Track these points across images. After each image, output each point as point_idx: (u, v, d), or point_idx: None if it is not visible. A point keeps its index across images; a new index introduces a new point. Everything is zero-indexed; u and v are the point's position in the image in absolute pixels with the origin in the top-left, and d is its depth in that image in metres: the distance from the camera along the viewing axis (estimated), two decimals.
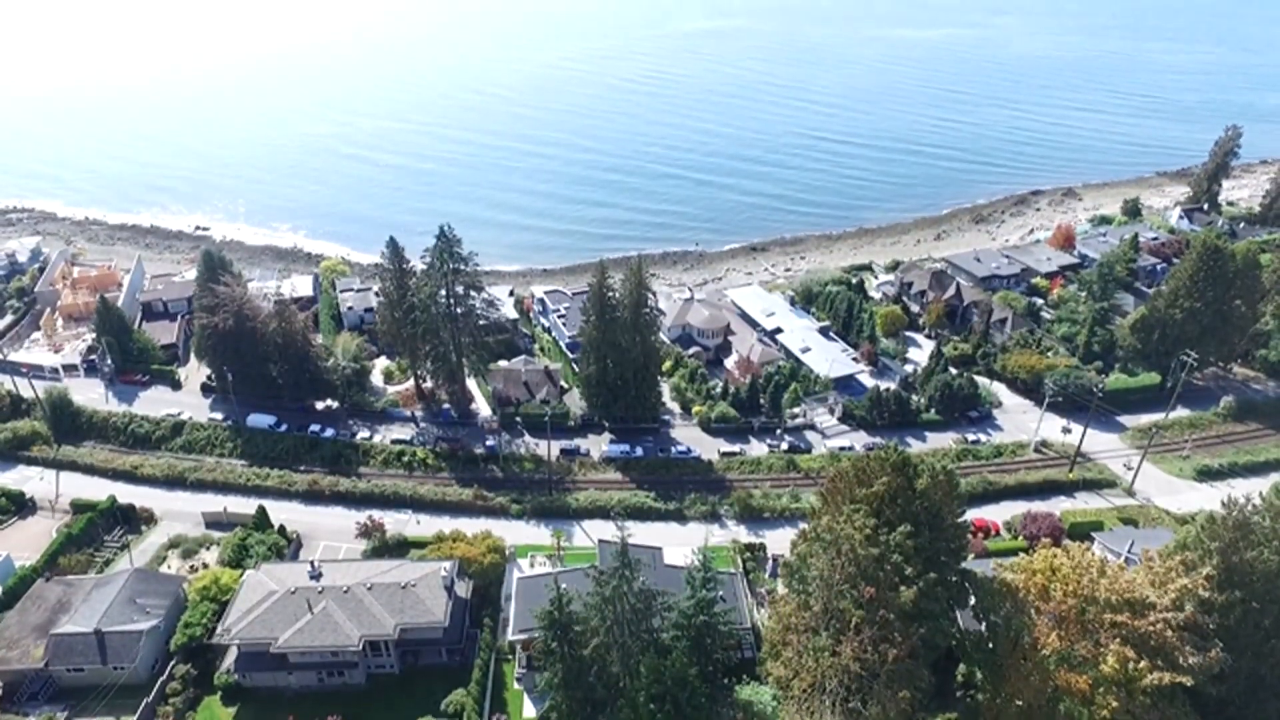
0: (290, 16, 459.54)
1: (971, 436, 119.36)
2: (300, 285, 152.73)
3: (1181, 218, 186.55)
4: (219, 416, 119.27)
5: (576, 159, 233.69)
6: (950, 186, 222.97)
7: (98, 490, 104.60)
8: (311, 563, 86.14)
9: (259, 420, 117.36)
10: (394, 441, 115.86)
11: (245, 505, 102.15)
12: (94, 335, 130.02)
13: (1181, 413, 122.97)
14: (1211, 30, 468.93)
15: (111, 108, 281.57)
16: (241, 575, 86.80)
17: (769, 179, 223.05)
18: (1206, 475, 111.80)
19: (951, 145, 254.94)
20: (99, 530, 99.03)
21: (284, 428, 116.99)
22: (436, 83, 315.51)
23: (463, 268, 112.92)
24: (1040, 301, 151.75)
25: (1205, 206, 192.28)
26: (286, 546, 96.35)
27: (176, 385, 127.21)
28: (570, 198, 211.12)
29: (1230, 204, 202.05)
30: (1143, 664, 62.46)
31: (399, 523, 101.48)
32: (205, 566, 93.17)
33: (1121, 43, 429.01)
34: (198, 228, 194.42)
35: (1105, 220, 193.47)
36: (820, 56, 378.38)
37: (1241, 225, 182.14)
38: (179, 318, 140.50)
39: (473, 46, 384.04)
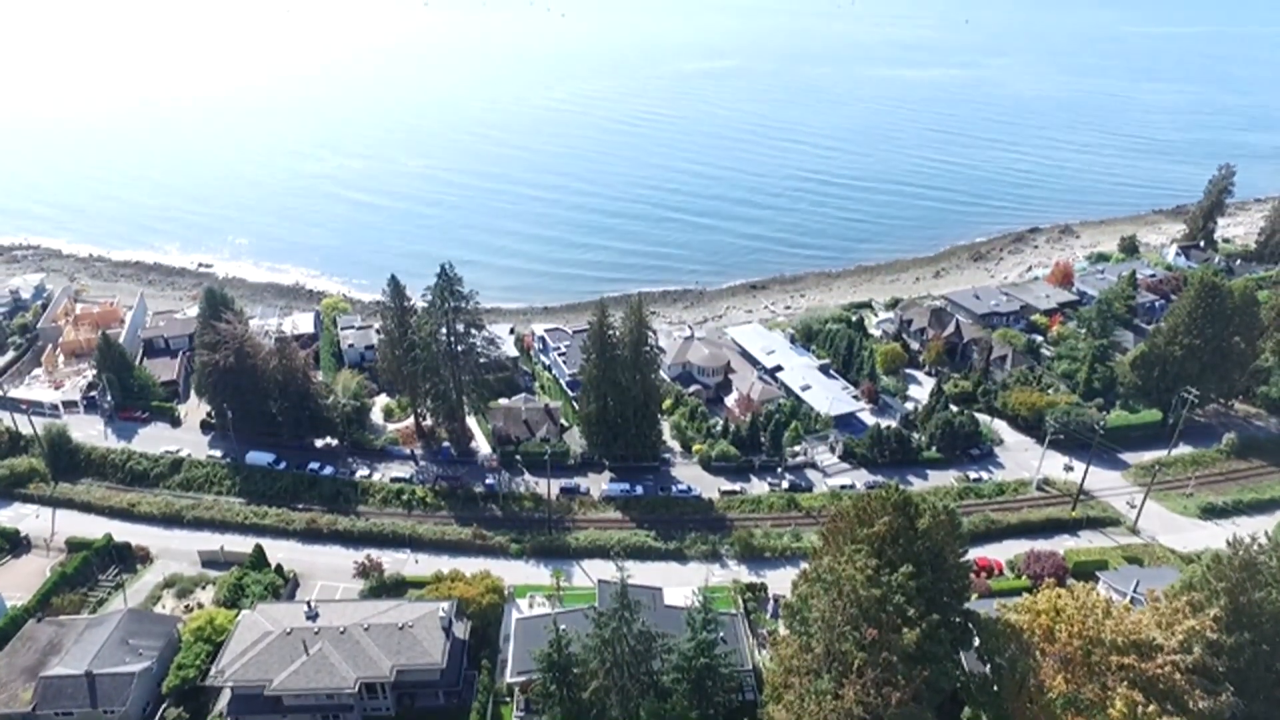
0: (295, 61, 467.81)
1: (973, 474, 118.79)
2: (302, 322, 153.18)
3: (1178, 255, 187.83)
4: (218, 454, 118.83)
5: (577, 202, 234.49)
6: (948, 224, 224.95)
7: (94, 528, 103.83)
8: (308, 603, 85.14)
9: (258, 458, 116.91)
10: (393, 480, 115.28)
11: (242, 544, 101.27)
12: (95, 372, 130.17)
13: (1184, 450, 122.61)
14: (1200, 72, 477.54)
15: (115, 147, 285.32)
16: (237, 615, 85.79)
17: (766, 222, 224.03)
18: (1211, 513, 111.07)
19: (949, 184, 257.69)
20: (93, 569, 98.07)
21: (283, 465, 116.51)
22: (437, 125, 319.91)
23: (463, 305, 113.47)
24: (1040, 339, 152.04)
25: (1202, 244, 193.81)
26: (283, 586, 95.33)
27: (176, 422, 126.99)
28: (571, 237, 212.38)
29: (1226, 241, 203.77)
30: (1151, 708, 61.38)
31: (397, 562, 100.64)
32: (200, 606, 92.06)
33: (1113, 83, 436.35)
34: (200, 265, 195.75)
35: (1103, 257, 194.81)
36: (817, 98, 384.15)
37: (1238, 262, 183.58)
38: (180, 354, 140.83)
39: (472, 88, 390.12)
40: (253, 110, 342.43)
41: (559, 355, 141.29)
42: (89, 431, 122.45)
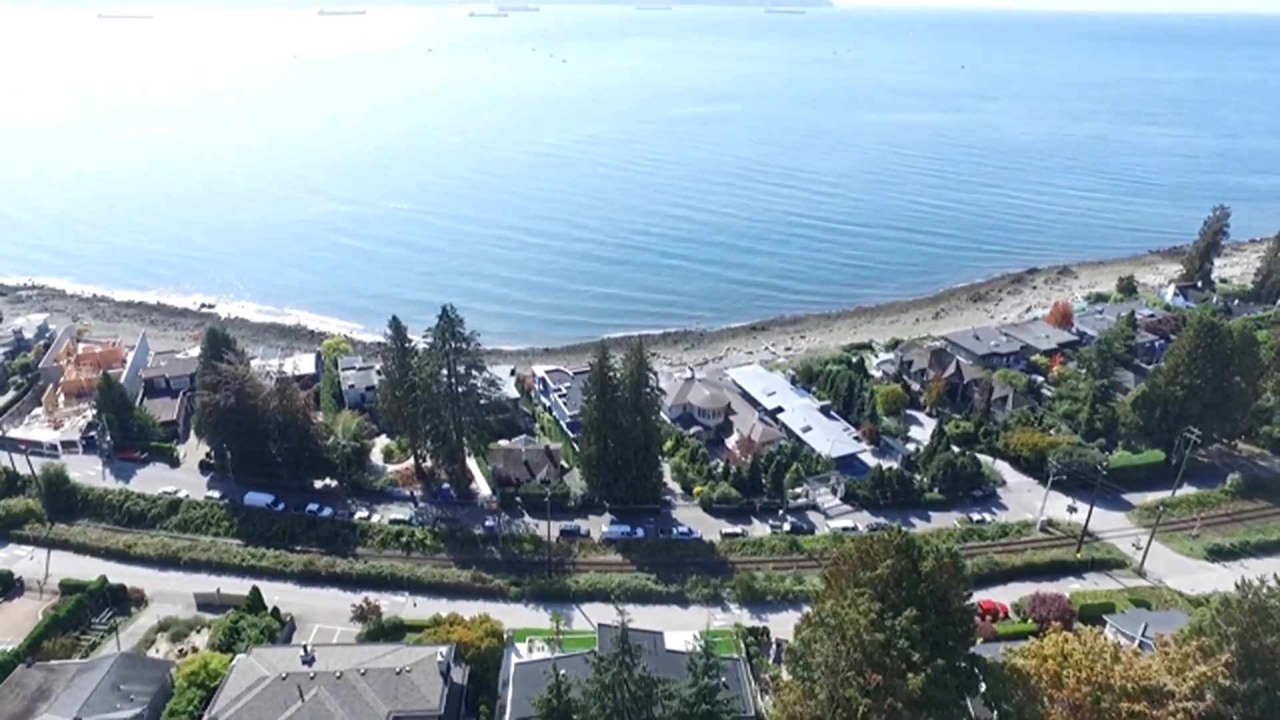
0: (298, 107, 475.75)
1: (976, 516, 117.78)
2: (303, 363, 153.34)
3: (1176, 295, 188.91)
4: (216, 495, 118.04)
5: (578, 248, 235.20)
6: (947, 266, 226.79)
7: (89, 570, 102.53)
8: (304, 647, 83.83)
9: (256, 499, 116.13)
10: (392, 521, 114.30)
11: (239, 586, 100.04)
12: (95, 411, 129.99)
13: (1188, 490, 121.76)
14: (1191, 116, 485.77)
15: (119, 189, 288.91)
16: (232, 660, 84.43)
17: (767, 264, 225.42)
18: (1218, 555, 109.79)
19: (947, 226, 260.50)
20: (87, 612, 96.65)
21: (281, 506, 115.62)
22: (437, 171, 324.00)
23: (464, 347, 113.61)
24: (1040, 379, 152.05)
25: (1199, 284, 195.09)
26: (280, 629, 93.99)
27: (175, 462, 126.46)
28: (571, 279, 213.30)
29: (1223, 281, 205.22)
30: None
31: (395, 605, 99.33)
32: (195, 650, 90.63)
33: (1107, 127, 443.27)
34: (203, 305, 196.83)
35: (1101, 298, 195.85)
36: (816, 142, 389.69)
37: (1235, 302, 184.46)
38: (181, 394, 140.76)
39: (474, 134, 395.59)
40: (258, 155, 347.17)
41: (559, 397, 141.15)
42: (87, 472, 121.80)
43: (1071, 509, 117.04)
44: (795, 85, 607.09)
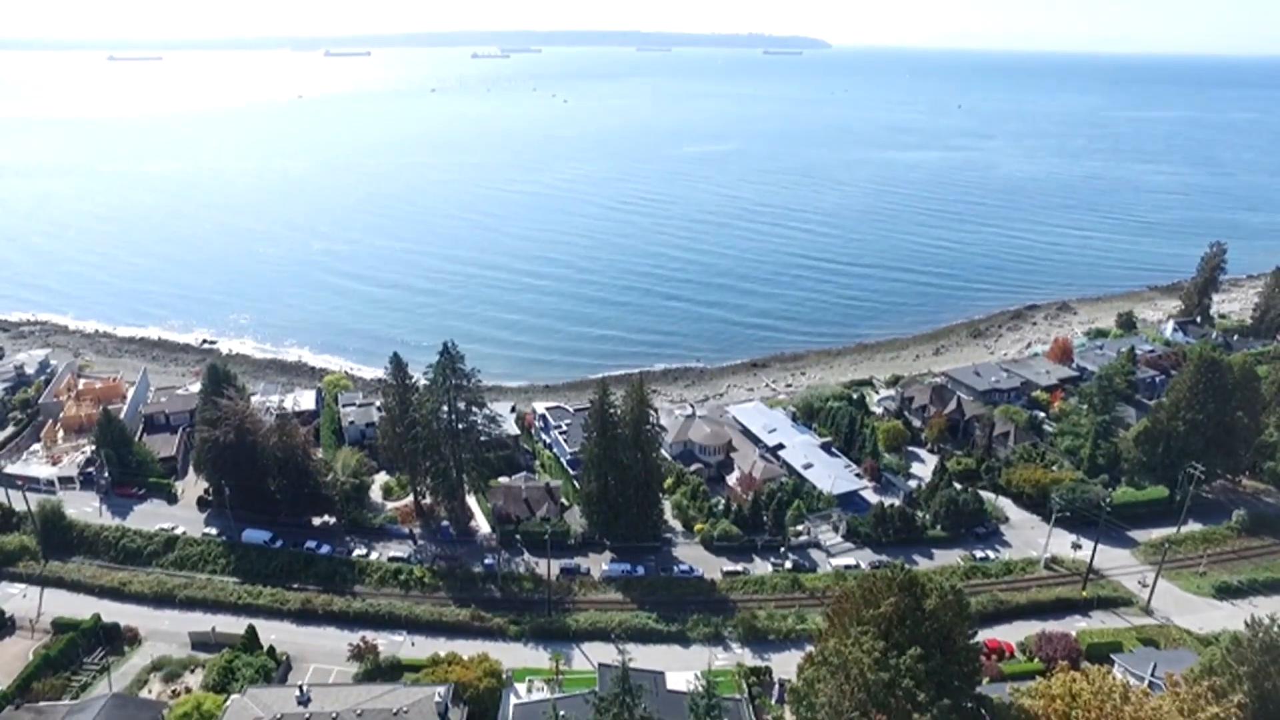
0: (308, 145, 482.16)
1: (979, 553, 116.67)
2: (303, 399, 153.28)
3: (1176, 330, 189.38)
4: (213, 531, 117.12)
5: (577, 290, 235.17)
6: (947, 302, 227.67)
7: (82, 608, 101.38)
8: (300, 687, 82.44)
9: (254, 536, 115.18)
10: (391, 559, 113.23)
11: (235, 625, 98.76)
12: (94, 447, 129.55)
13: (1193, 527, 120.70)
14: (1184, 155, 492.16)
15: (124, 227, 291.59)
16: (225, 701, 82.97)
17: (767, 302, 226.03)
18: (1225, 593, 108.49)
19: (947, 263, 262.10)
20: (79, 651, 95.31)
21: (279, 544, 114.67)
22: (437, 211, 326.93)
23: (465, 383, 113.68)
24: (1041, 415, 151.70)
25: (1198, 319, 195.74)
26: (275, 669, 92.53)
27: (173, 499, 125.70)
28: (572, 319, 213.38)
29: (1222, 316, 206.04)
30: None
31: (393, 644, 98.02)
32: (188, 690, 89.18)
33: (1102, 165, 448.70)
34: (204, 341, 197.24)
35: (1101, 333, 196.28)
36: (816, 180, 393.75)
37: (1235, 337, 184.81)
38: (180, 430, 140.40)
39: (473, 171, 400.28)
40: (262, 195, 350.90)
41: (560, 434, 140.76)
42: (84, 508, 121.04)
43: (1076, 546, 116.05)
44: (794, 125, 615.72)
